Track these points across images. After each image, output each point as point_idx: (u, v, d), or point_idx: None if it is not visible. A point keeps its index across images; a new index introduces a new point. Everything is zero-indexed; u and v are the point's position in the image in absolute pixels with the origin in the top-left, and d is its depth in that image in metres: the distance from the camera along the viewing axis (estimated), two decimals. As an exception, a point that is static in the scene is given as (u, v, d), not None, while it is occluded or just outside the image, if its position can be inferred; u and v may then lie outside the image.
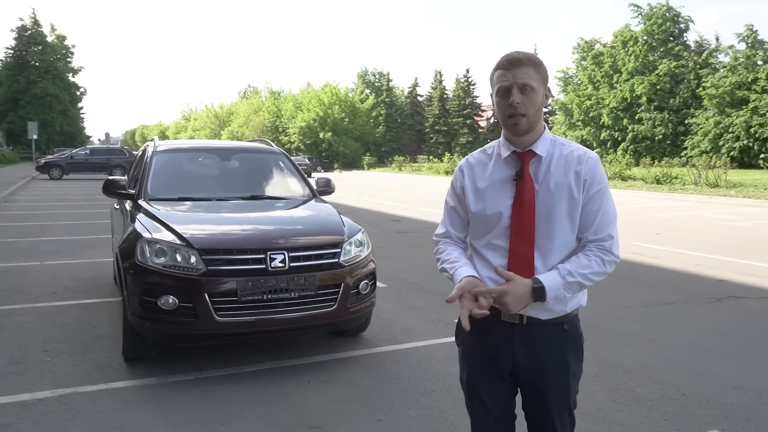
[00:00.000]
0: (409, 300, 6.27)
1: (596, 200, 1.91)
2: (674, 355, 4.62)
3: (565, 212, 1.91)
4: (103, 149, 34.94)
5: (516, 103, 1.87)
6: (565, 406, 2.00)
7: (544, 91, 1.93)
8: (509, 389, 2.03)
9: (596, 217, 1.91)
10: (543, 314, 1.91)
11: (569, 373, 1.96)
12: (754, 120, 39.92)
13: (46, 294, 6.34)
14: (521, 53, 1.91)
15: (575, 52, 57.23)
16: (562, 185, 1.91)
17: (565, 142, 1.99)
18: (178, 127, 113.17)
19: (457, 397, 3.82)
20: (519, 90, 1.87)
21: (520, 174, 1.93)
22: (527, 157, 1.94)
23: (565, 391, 1.98)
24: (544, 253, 1.91)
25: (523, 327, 1.93)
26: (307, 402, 3.74)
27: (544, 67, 1.93)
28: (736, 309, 6.12)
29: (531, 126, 1.92)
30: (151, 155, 5.43)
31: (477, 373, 2.03)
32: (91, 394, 3.78)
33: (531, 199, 1.91)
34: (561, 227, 1.91)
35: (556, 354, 1.95)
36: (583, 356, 2.02)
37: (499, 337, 1.96)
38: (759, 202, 18.55)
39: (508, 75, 1.88)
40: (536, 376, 1.95)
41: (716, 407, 3.69)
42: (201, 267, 3.93)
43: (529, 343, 1.93)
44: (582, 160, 1.93)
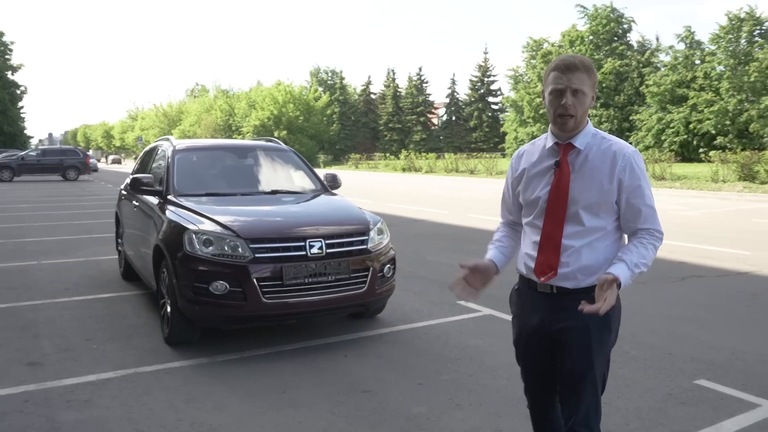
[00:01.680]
0: (409, 286, 6.76)
1: (637, 194, 2.12)
2: (656, 325, 5.27)
3: (596, 200, 2.11)
4: (56, 150, 34.05)
5: (568, 105, 2.07)
6: (587, 371, 2.14)
7: (592, 95, 2.13)
8: (547, 352, 2.25)
9: (641, 210, 2.13)
10: (570, 284, 2.14)
11: (591, 339, 2.12)
12: (693, 116, 42.17)
13: (60, 290, 6.54)
14: (577, 58, 2.10)
15: (525, 51, 58.92)
16: (596, 176, 2.12)
17: (607, 137, 2.19)
18: (124, 126, 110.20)
19: (481, 363, 4.36)
20: (572, 93, 2.07)
21: (559, 163, 2.15)
22: (567, 149, 2.16)
23: (587, 356, 2.13)
24: (572, 234, 2.13)
25: (553, 296, 2.18)
26: (351, 372, 4.19)
27: (594, 72, 2.12)
28: (700, 285, 6.87)
29: (577, 125, 2.14)
30: (171, 154, 5.73)
31: (521, 334, 2.32)
32: (152, 374, 4.13)
33: (566, 186, 2.13)
34: (591, 213, 2.12)
35: (578, 319, 2.09)
36: (612, 328, 2.18)
37: (536, 304, 2.23)
38: (702, 193, 19.87)
39: (563, 78, 2.07)
40: (561, 338, 2.17)
41: (700, 363, 4.34)
42: (249, 254, 4.32)
43: (556, 310, 2.17)
44: (618, 156, 2.12)
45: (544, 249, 2.18)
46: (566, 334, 2.16)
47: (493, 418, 3.45)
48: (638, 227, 2.15)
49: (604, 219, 2.15)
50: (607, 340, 2.19)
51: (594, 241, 2.15)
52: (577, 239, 2.14)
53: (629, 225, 2.17)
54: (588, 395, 2.17)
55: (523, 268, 2.28)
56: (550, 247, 2.16)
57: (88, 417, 3.46)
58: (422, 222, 12.98)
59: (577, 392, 2.18)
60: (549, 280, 2.17)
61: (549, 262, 2.16)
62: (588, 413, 2.18)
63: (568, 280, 2.14)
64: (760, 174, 21.05)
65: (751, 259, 8.23)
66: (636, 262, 2.07)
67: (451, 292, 2.19)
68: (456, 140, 72.22)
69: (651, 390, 3.85)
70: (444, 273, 7.53)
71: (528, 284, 2.26)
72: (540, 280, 2.19)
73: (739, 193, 19.16)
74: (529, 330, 2.27)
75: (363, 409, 3.58)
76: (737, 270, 7.59)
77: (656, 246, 2.14)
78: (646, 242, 2.13)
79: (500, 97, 72.31)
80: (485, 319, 5.45)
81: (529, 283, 2.25)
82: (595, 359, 2.16)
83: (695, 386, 3.90)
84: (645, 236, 2.15)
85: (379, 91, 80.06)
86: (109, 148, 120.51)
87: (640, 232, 2.16)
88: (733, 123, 40.06)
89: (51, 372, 4.16)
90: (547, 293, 2.20)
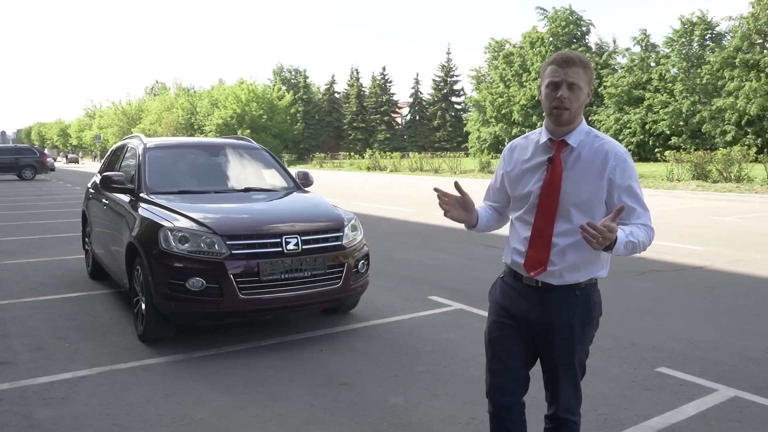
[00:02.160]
0: (381, 282, 6.85)
1: (629, 194, 2.15)
2: (619, 317, 5.50)
3: (587, 198, 2.14)
4: (10, 148, 32.99)
5: (563, 98, 2.09)
6: (569, 363, 2.25)
7: (588, 90, 2.15)
8: (525, 348, 2.30)
9: (635, 207, 2.15)
10: (555, 280, 2.19)
11: (574, 335, 2.21)
12: (649, 117, 43.45)
13: (27, 290, 6.42)
14: (574, 54, 2.14)
15: (487, 52, 59.71)
16: (588, 174, 2.14)
17: (600, 136, 2.21)
18: (81, 124, 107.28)
19: (454, 355, 4.50)
20: (567, 87, 2.10)
21: (552, 160, 2.17)
22: (560, 146, 2.17)
23: (569, 349, 2.23)
24: (562, 232, 2.17)
25: (539, 290, 2.22)
26: (328, 366, 4.27)
27: (591, 69, 2.15)
28: (658, 279, 7.17)
29: (572, 119, 2.14)
30: (142, 152, 5.70)
31: (499, 326, 2.33)
32: (129, 370, 4.13)
33: (558, 182, 2.15)
34: (581, 211, 2.15)
35: (563, 315, 2.20)
36: (594, 323, 2.26)
37: (519, 296, 2.28)
38: (658, 192, 20.53)
39: (560, 72, 2.10)
40: (545, 332, 2.23)
41: (660, 351, 4.56)
42: (225, 251, 4.35)
43: (541, 304, 2.22)
44: (610, 155, 2.15)
45: (534, 245, 2.21)
46: (550, 329, 2.22)
47: (468, 406, 3.58)
48: (632, 222, 2.15)
49: (592, 217, 2.15)
50: (589, 334, 2.28)
51: (580, 239, 2.12)
52: (565, 237, 2.18)
53: (623, 222, 2.12)
54: (567, 383, 2.30)
55: (509, 260, 2.33)
56: (541, 243, 2.20)
57: (66, 413, 3.46)
58: (390, 220, 13.10)
59: (556, 380, 2.31)
60: (538, 276, 2.21)
61: (539, 257, 2.19)
62: (569, 399, 2.32)
63: (553, 277, 2.20)
64: (712, 173, 21.88)
65: (705, 255, 8.60)
66: (631, 231, 2.07)
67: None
68: (420, 140, 72.68)
69: (616, 378, 4.05)
70: (414, 269, 7.66)
71: (514, 275, 2.32)
72: (530, 274, 2.22)
73: (692, 191, 19.88)
74: (509, 316, 2.30)
75: (341, 401, 3.67)
76: (692, 265, 7.93)
77: (650, 237, 2.15)
78: (643, 228, 2.14)
79: (463, 97, 73.09)
80: (456, 314, 5.59)
81: (515, 275, 2.31)
82: (576, 352, 2.26)
83: (657, 373, 4.11)
84: (640, 225, 2.15)
85: (343, 90, 79.99)
86: (66, 146, 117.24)
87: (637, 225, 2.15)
88: (687, 124, 41.45)
89: (24, 371, 4.12)
90: (533, 286, 2.25)
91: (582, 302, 2.22)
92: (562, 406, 2.32)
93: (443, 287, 6.56)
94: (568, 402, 2.32)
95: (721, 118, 39.36)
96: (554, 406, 2.35)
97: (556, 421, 2.36)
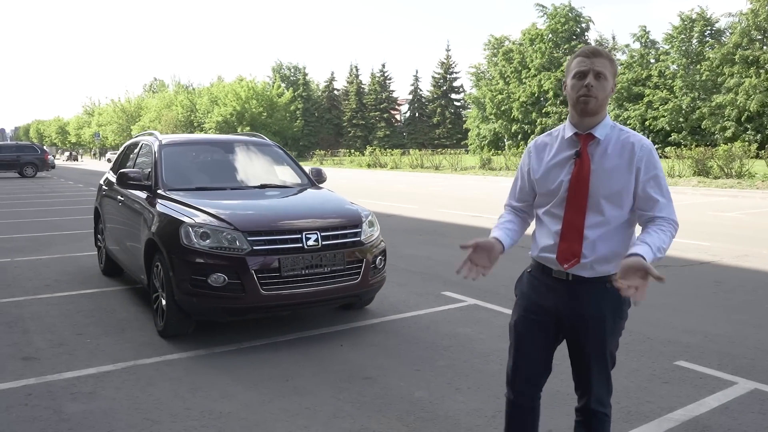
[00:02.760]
0: (392, 278, 6.87)
1: (653, 185, 2.18)
2: (631, 312, 5.46)
3: (617, 191, 2.18)
4: (11, 146, 32.92)
5: (591, 85, 2.14)
6: (600, 355, 2.28)
7: (612, 83, 2.20)
8: (550, 340, 2.35)
9: (658, 198, 2.18)
10: (586, 273, 2.21)
11: (605, 327, 2.23)
12: (649, 113, 43.59)
13: (41, 287, 6.45)
14: (598, 47, 2.22)
15: (486, 49, 59.74)
16: (615, 167, 2.18)
17: (625, 130, 2.26)
18: (80, 122, 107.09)
19: (473, 350, 4.54)
20: (594, 76, 2.15)
21: (579, 153, 2.20)
22: (587, 139, 2.21)
23: (601, 342, 2.26)
24: (593, 224, 2.20)
25: (569, 283, 2.24)
26: (350, 360, 4.31)
27: (615, 64, 2.22)
28: (667, 274, 6.94)
29: (597, 109, 2.18)
30: (158, 148, 5.72)
31: (526, 319, 2.35)
32: (152, 365, 4.16)
33: (586, 176, 2.18)
34: (611, 203, 2.19)
35: (594, 308, 2.22)
36: (624, 315, 2.29)
37: (549, 290, 2.29)
38: (660, 188, 20.60)
39: (587, 62, 2.16)
40: (576, 325, 2.25)
41: (676, 345, 4.61)
42: (246, 247, 4.38)
43: (572, 297, 2.23)
44: (636, 147, 2.19)
45: (566, 237, 2.23)
46: (582, 322, 2.24)
47: (492, 400, 3.62)
48: (655, 215, 2.18)
49: (622, 209, 2.20)
50: (620, 326, 2.31)
51: (610, 231, 2.21)
52: (596, 229, 2.21)
53: (645, 214, 2.19)
54: (599, 375, 2.32)
55: (538, 255, 2.33)
56: (573, 235, 2.22)
57: (96, 408, 3.49)
58: (395, 217, 13.14)
59: (588, 373, 2.32)
60: (571, 268, 2.22)
61: (572, 250, 2.21)
62: (601, 391, 2.34)
63: (585, 269, 2.21)
64: (714, 169, 21.96)
65: (711, 250, 8.65)
66: (658, 245, 2.08)
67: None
68: (419, 136, 72.71)
69: (635, 371, 4.09)
70: (423, 265, 7.70)
71: (543, 269, 2.32)
72: (564, 267, 2.23)
73: (694, 187, 19.95)
74: (539, 310, 2.31)
75: (366, 395, 3.71)
76: (700, 260, 7.98)
77: (673, 234, 2.16)
78: (665, 228, 2.15)
79: (462, 94, 73.13)
80: (470, 309, 5.63)
81: (544, 269, 2.31)
82: (608, 344, 2.28)
83: (676, 367, 4.16)
84: (663, 223, 2.16)
85: (343, 87, 79.96)
86: (64, 144, 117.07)
87: (657, 220, 2.18)
88: (687, 120, 41.57)
89: (48, 366, 4.15)
90: (563, 279, 2.25)
91: (613, 294, 2.19)
92: (594, 398, 2.34)
93: (455, 283, 6.59)
94: (600, 394, 2.34)
95: (720, 115, 39.47)
96: (585, 398, 2.36)
97: (587, 413, 2.37)
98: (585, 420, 2.40)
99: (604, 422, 2.39)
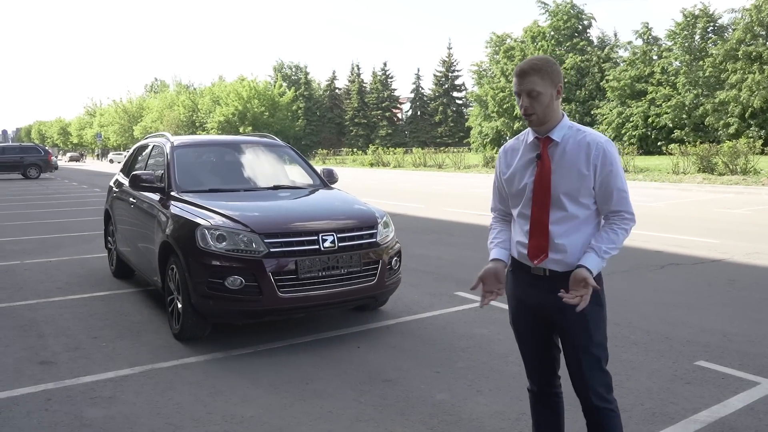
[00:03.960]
0: (405, 279, 6.80)
1: (610, 179, 2.30)
2: (648, 310, 5.52)
3: (576, 187, 2.30)
4: (15, 147, 32.95)
5: (525, 106, 2.31)
6: (588, 346, 2.34)
7: (552, 90, 2.29)
8: (544, 333, 2.46)
9: (612, 193, 2.31)
10: (559, 267, 2.33)
11: (585, 315, 2.30)
12: (652, 110, 43.48)
13: (52, 290, 6.43)
14: (528, 63, 2.30)
15: (488, 47, 59.65)
16: (574, 165, 2.31)
17: (582, 129, 2.37)
18: (81, 122, 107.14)
19: (491, 351, 4.51)
20: (527, 95, 2.29)
21: (540, 156, 2.35)
22: (546, 142, 2.35)
23: (584, 331, 2.33)
24: (556, 219, 2.33)
25: (546, 278, 2.37)
26: (368, 362, 4.29)
27: (549, 70, 2.28)
28: (679, 272, 7.19)
29: (542, 121, 2.32)
30: (170, 150, 5.70)
31: (518, 316, 2.51)
32: (170, 369, 4.14)
33: (548, 175, 2.32)
34: (571, 200, 2.32)
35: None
36: (601, 301, 2.37)
37: (531, 286, 2.42)
38: (664, 185, 20.54)
39: (518, 83, 2.31)
40: (557, 316, 2.36)
41: (695, 345, 4.58)
42: (263, 249, 4.36)
43: (550, 290, 2.33)
44: (592, 145, 2.30)
45: (534, 234, 2.37)
46: (563, 314, 2.33)
47: (515, 402, 3.59)
48: (610, 209, 2.33)
49: (584, 204, 2.34)
50: (600, 314, 2.38)
51: (577, 225, 2.34)
52: (560, 225, 2.34)
53: (603, 207, 2.35)
54: (592, 369, 2.36)
55: (516, 254, 2.47)
56: (539, 232, 2.36)
57: (117, 413, 3.47)
58: (401, 216, 13.10)
59: (579, 366, 2.37)
60: (541, 263, 2.36)
61: (540, 246, 2.35)
62: (597, 385, 2.37)
63: (557, 263, 2.34)
64: (719, 166, 21.87)
65: (721, 248, 8.62)
66: (605, 248, 2.28)
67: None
68: (421, 135, 72.66)
69: (656, 372, 4.06)
70: (435, 265, 7.67)
71: (522, 267, 2.45)
72: (534, 263, 2.37)
73: (699, 184, 19.89)
74: (526, 308, 2.46)
75: (388, 398, 3.68)
76: (711, 258, 7.94)
77: (626, 228, 2.32)
78: (616, 227, 2.31)
79: (464, 92, 73.03)
80: (485, 309, 5.56)
81: (523, 267, 2.44)
82: (593, 333, 2.36)
83: (696, 367, 4.13)
84: (615, 220, 2.33)
85: (344, 86, 79.92)
86: (66, 145, 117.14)
87: (611, 216, 2.34)
88: (690, 117, 41.46)
89: (66, 370, 4.13)
90: (540, 275, 2.38)
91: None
92: (594, 394, 2.37)
93: (467, 282, 6.49)
94: (597, 389, 2.37)
95: (724, 111, 39.35)
96: (586, 397, 2.39)
97: (593, 412, 2.39)
98: (593, 420, 2.42)
99: (612, 417, 2.39)
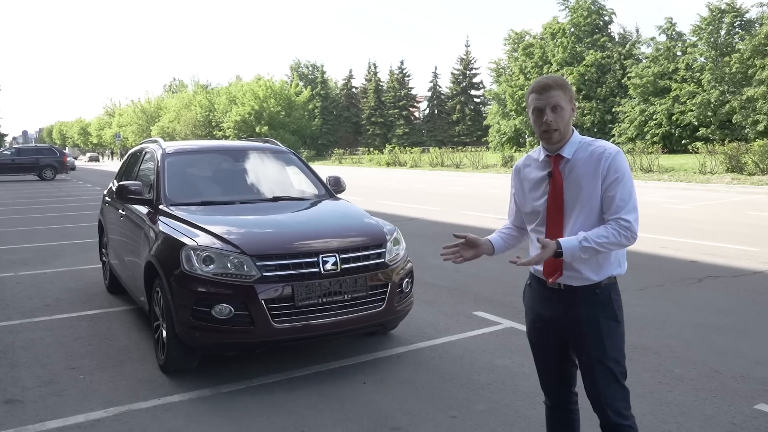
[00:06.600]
0: (419, 294, 6.30)
1: (613, 187, 2.25)
2: (689, 335, 4.91)
3: (589, 202, 2.29)
4: (30, 149, 33.02)
5: (549, 121, 2.26)
6: (601, 360, 2.32)
7: (570, 107, 2.30)
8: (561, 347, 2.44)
9: (614, 200, 2.24)
10: (575, 282, 2.34)
11: (600, 329, 2.32)
12: (676, 108, 42.32)
13: (40, 307, 5.99)
14: (550, 79, 2.30)
15: (506, 44, 58.78)
16: (585, 180, 2.28)
17: (592, 142, 2.34)
18: (101, 123, 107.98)
19: (515, 389, 3.95)
20: (551, 110, 2.26)
21: (552, 173, 2.34)
22: (557, 160, 2.34)
23: (599, 344, 2.32)
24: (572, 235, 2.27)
25: (562, 292, 2.37)
26: (374, 403, 3.75)
27: (569, 87, 2.31)
28: (719, 287, 6.53)
29: (562, 137, 2.31)
30: (161, 158, 5.21)
31: (534, 329, 2.50)
32: (148, 411, 3.64)
33: (560, 193, 2.32)
34: (586, 214, 2.30)
35: (586, 311, 2.33)
36: (618, 317, 2.35)
37: (546, 300, 2.42)
38: (690, 185, 19.71)
39: (541, 98, 2.27)
40: (573, 330, 2.36)
41: (752, 382, 3.96)
42: (255, 273, 3.84)
43: (567, 305, 2.36)
44: (602, 157, 2.27)
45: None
46: (578, 327, 2.34)
47: (545, 460, 3.03)
48: (609, 218, 2.26)
49: (597, 218, 2.30)
50: (616, 330, 2.35)
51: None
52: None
53: (605, 215, 2.29)
54: (609, 381, 2.32)
55: (533, 269, 2.47)
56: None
57: (78, 471, 2.98)
58: (417, 220, 12.56)
59: (595, 381, 2.33)
60: (556, 280, 2.35)
61: (554, 264, 2.32)
62: (614, 400, 2.32)
63: (572, 279, 2.34)
64: (748, 165, 20.95)
65: (761, 256, 7.94)
66: (588, 236, 2.21)
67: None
68: (439, 134, 71.93)
69: (711, 419, 3.47)
70: (452, 278, 7.11)
71: (538, 281, 2.46)
72: (549, 281, 2.35)
73: (727, 185, 19.04)
74: (542, 321, 2.45)
75: (395, 452, 3.14)
76: (751, 269, 7.28)
77: (619, 231, 2.22)
78: (610, 227, 2.24)
79: (482, 90, 72.16)
80: (507, 333, 5.04)
81: (539, 280, 2.45)
82: (608, 347, 2.32)
83: (757, 412, 3.53)
84: (611, 223, 2.26)
85: (361, 85, 79.40)
86: (86, 145, 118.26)
87: (611, 221, 2.26)
88: (716, 114, 40.26)
89: (32, 412, 3.65)
90: (557, 289, 2.38)
91: (603, 300, 2.33)
92: (611, 411, 2.33)
93: (487, 300, 6.02)
94: (615, 404, 2.33)
95: (752, 108, 38.11)
96: (603, 413, 2.35)
97: (610, 429, 2.35)
98: None
99: None
